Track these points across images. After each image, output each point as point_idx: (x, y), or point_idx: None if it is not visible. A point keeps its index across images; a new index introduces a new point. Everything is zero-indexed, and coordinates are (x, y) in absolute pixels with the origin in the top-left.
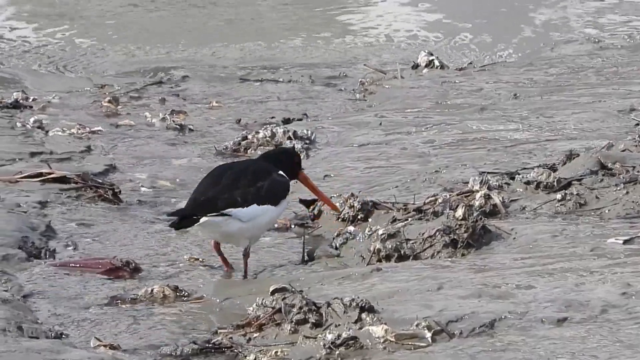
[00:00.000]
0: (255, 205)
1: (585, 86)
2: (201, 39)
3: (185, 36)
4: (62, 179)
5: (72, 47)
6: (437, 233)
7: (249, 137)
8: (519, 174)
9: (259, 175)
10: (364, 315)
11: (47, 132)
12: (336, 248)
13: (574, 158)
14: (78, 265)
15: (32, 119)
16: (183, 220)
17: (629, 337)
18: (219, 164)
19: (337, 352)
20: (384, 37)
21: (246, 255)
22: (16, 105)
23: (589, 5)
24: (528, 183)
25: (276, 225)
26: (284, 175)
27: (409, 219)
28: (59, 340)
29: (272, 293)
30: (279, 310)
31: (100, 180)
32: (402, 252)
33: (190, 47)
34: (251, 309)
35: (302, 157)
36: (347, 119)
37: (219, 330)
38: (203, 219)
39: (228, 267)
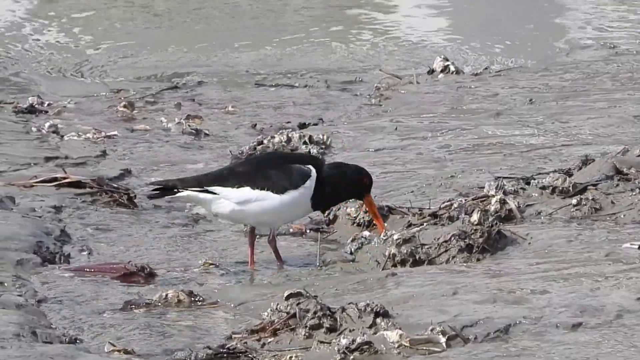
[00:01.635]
0: (248, 188)
1: (601, 91)
2: (217, 44)
3: (201, 41)
4: (77, 184)
5: (88, 52)
6: (453, 238)
7: (265, 141)
8: (534, 179)
9: (272, 163)
10: (378, 320)
11: (62, 136)
12: (351, 253)
13: (589, 163)
14: (92, 270)
15: (47, 124)
16: (161, 190)
17: None
18: None
19: (352, 357)
20: (400, 42)
21: (271, 242)
22: (31, 110)
23: (604, 11)
24: (543, 188)
25: (291, 230)
26: (309, 167)
27: (424, 223)
28: (73, 345)
29: (287, 298)
30: (294, 315)
31: (115, 185)
32: (417, 257)
33: (206, 52)
34: (266, 314)
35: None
36: (363, 123)
37: (234, 335)
38: (183, 193)
39: (251, 263)
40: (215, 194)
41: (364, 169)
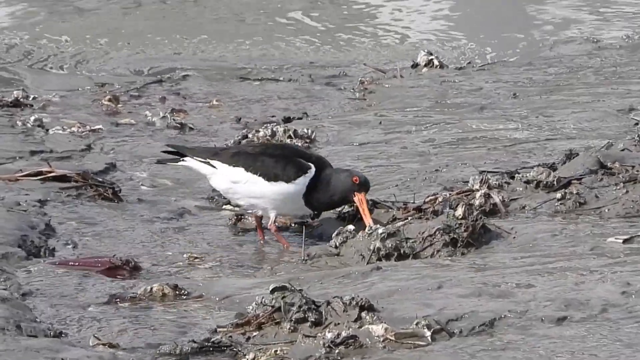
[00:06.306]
0: (242, 169)
1: (585, 86)
2: (201, 38)
3: (185, 35)
4: (62, 178)
5: (73, 46)
6: (437, 232)
7: (249, 135)
8: (518, 173)
9: (276, 152)
10: (363, 314)
11: (47, 130)
12: (336, 247)
13: (573, 157)
14: (77, 264)
15: (32, 118)
16: (172, 154)
17: (628, 336)
18: None
19: (337, 351)
20: (384, 36)
21: (270, 226)
22: (16, 103)
23: (587, 4)
24: (528, 182)
25: (276, 224)
26: (310, 164)
27: (409, 217)
28: (58, 339)
29: (272, 292)
30: (279, 309)
31: (100, 179)
32: (402, 251)
33: (190, 46)
34: (250, 307)
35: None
36: (347, 117)
37: (218, 329)
38: (185, 162)
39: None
40: (214, 167)
41: (355, 171)
